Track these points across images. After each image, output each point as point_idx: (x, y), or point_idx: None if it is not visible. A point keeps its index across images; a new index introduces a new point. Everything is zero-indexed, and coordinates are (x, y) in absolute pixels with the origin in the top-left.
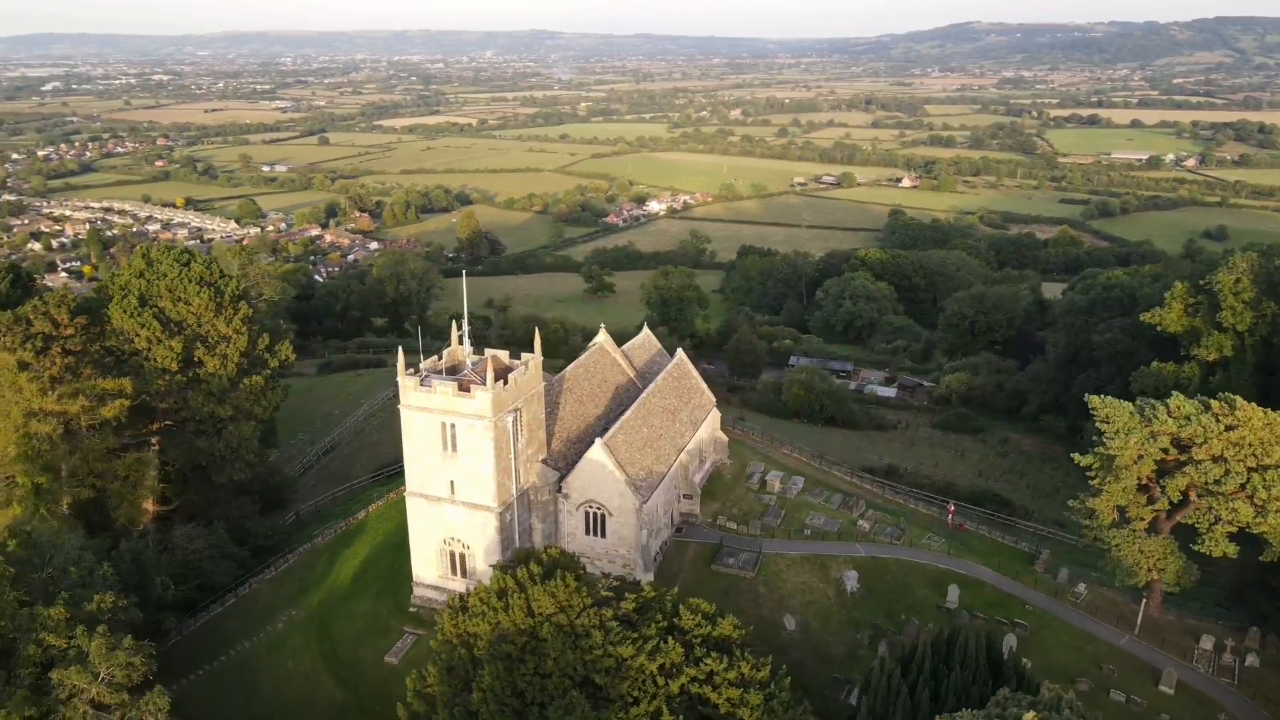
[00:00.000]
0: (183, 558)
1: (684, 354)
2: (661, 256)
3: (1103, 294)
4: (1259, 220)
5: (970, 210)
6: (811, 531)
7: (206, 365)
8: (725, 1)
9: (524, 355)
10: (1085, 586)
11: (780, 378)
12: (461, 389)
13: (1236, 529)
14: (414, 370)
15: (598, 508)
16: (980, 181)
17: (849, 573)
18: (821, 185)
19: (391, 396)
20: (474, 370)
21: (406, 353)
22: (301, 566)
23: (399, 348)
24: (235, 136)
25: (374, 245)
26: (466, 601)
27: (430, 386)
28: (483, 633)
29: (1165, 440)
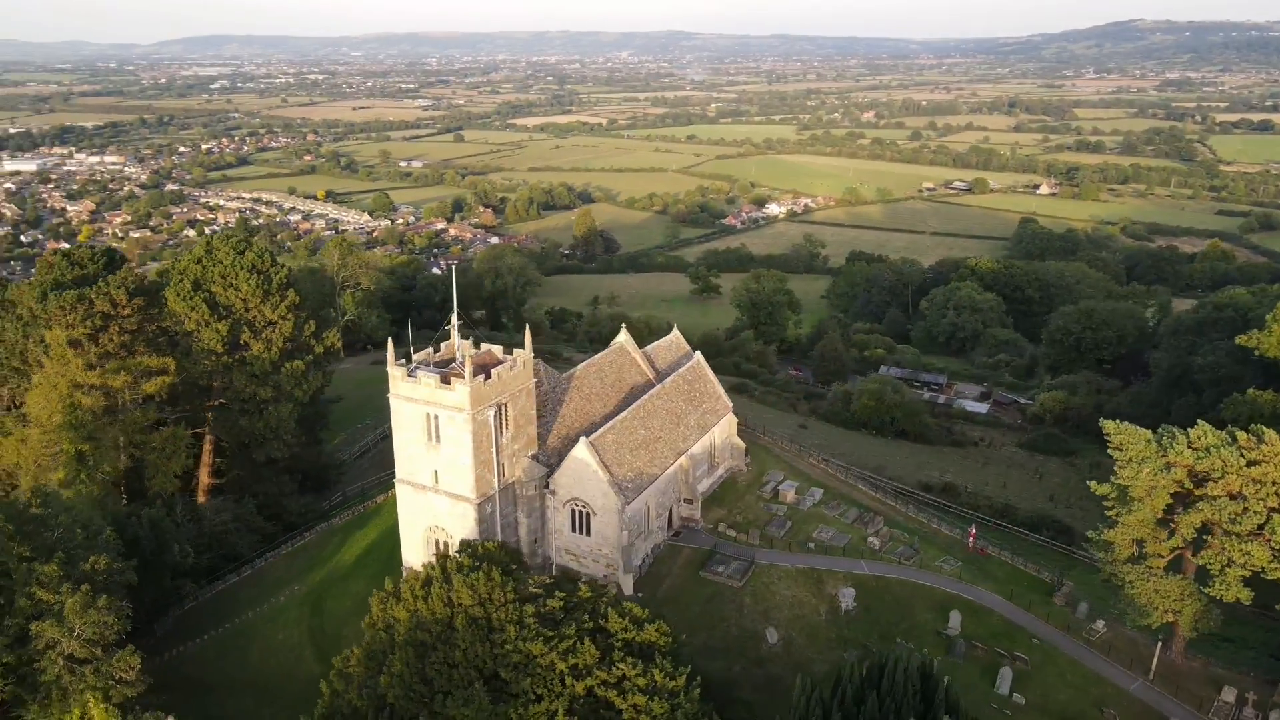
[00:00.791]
0: (209, 529)
1: (701, 357)
2: (773, 260)
3: (1213, 313)
4: None
5: (1111, 220)
6: (816, 545)
7: (252, 348)
8: (866, 1)
9: (516, 352)
10: (1104, 623)
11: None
12: (443, 381)
13: (1250, 573)
14: (404, 361)
15: (583, 506)
16: (1128, 190)
17: (846, 590)
18: (951, 191)
19: None
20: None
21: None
22: (315, 544)
23: (389, 339)
24: (378, 133)
25: (494, 240)
26: (399, 588)
27: (416, 378)
28: (403, 619)
29: (1181, 473)
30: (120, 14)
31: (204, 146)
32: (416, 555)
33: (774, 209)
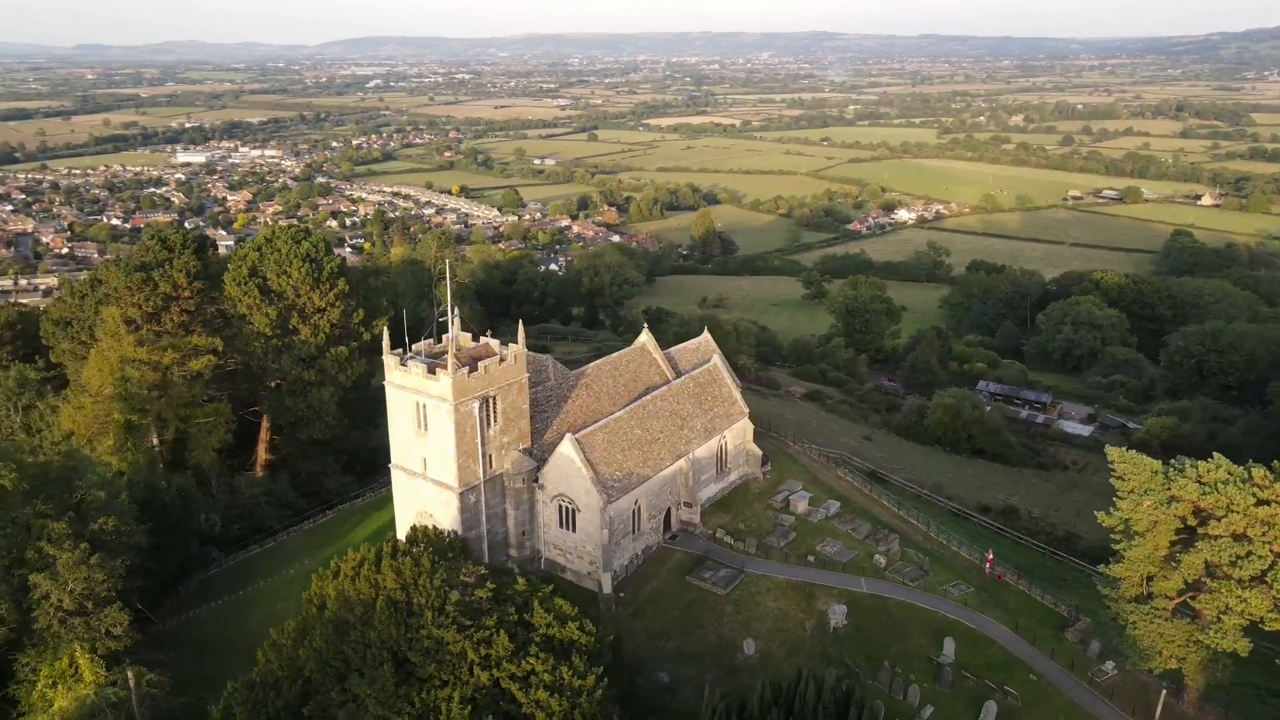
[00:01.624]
0: (242, 500)
1: (719, 360)
2: (892, 267)
3: None
4: None
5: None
6: (817, 559)
7: (300, 333)
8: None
9: (510, 346)
10: (1114, 665)
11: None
12: (430, 371)
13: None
14: (400, 350)
15: (568, 502)
16: None
17: (837, 607)
18: (1100, 200)
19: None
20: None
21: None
22: (334, 522)
23: (384, 329)
24: (515, 131)
25: (615, 238)
26: (340, 568)
27: (408, 367)
28: (332, 596)
29: (1185, 508)
30: (290, 17)
31: (354, 142)
32: None
33: (903, 215)
